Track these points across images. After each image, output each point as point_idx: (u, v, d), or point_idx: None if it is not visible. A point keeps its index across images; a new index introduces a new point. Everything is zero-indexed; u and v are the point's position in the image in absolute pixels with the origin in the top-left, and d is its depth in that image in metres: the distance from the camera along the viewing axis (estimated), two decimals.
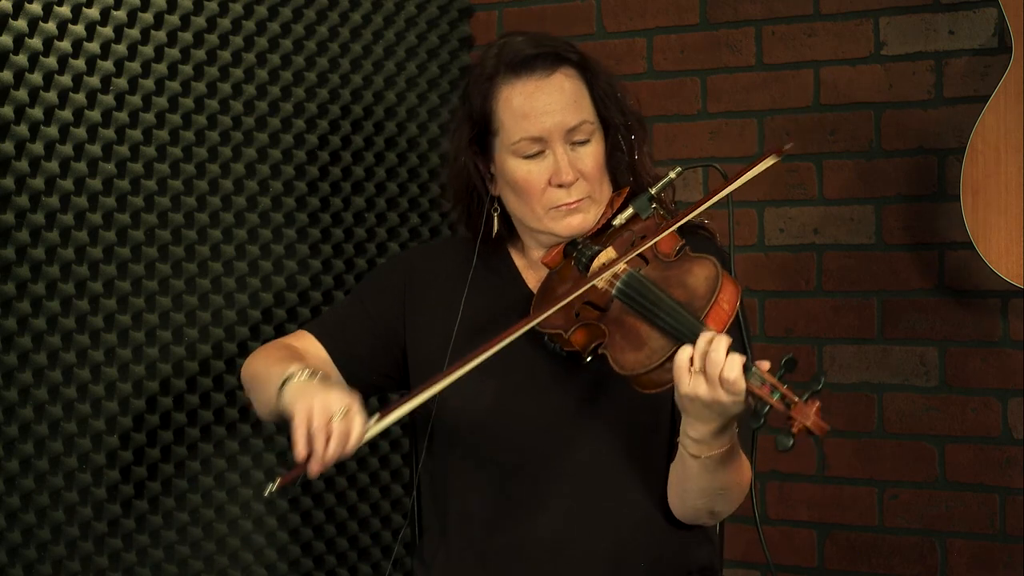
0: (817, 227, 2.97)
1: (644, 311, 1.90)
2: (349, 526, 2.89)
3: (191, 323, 2.59)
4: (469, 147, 2.09)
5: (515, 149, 2.04)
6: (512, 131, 2.03)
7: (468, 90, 2.10)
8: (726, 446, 1.89)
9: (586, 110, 2.06)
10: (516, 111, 2.03)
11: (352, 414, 1.83)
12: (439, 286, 2.15)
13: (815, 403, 1.77)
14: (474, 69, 2.11)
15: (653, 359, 1.87)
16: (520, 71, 2.04)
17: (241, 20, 2.69)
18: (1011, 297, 2.76)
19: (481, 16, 3.26)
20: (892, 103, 2.89)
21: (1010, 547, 2.78)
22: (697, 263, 1.94)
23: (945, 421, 2.85)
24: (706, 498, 1.99)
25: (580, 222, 2.05)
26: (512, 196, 2.08)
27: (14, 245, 2.30)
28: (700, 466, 1.91)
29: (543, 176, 2.03)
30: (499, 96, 2.05)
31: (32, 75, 2.31)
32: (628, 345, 1.90)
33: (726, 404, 1.80)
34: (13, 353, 2.31)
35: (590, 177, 2.05)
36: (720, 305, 1.88)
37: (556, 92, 2.03)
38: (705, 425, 1.85)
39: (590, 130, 2.06)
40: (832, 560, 2.95)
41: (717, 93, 3.06)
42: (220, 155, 2.65)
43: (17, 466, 2.32)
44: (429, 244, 2.34)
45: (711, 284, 1.89)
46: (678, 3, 3.10)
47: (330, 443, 1.81)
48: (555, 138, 2.02)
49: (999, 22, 2.75)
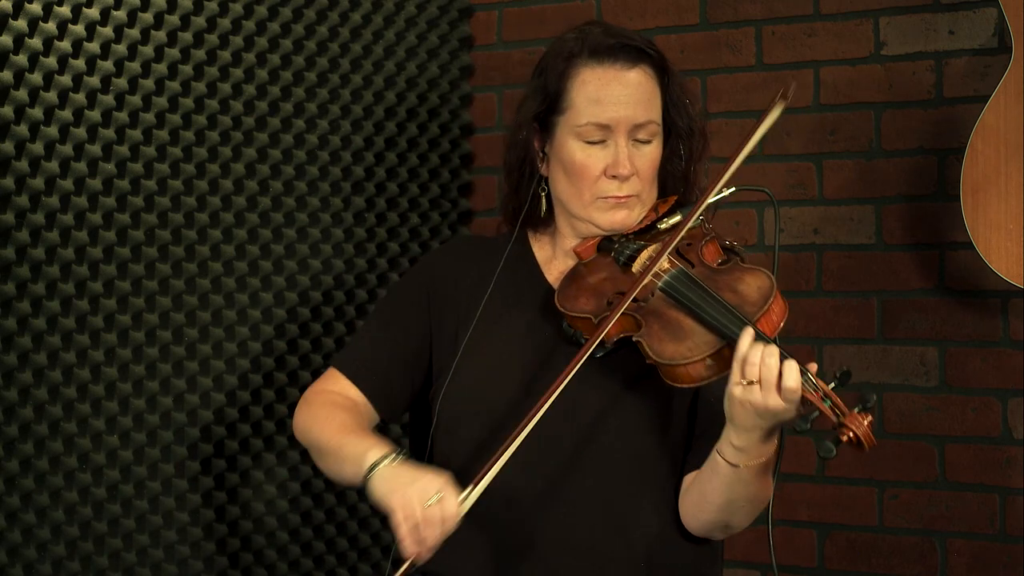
0: (817, 227, 2.97)
1: (691, 305, 1.90)
2: (349, 526, 2.89)
3: (191, 323, 2.59)
4: (532, 121, 2.11)
5: (579, 132, 2.05)
6: (581, 113, 2.05)
7: (545, 65, 2.11)
8: (766, 456, 1.89)
9: (655, 111, 2.08)
10: (590, 94, 2.05)
11: (447, 496, 1.84)
12: (463, 285, 2.15)
13: (868, 416, 1.77)
14: (553, 47, 2.13)
15: (696, 352, 1.86)
16: (603, 57, 2.06)
17: (241, 20, 2.69)
18: (1011, 297, 2.76)
19: (481, 16, 3.26)
20: (892, 103, 2.89)
21: (1010, 547, 2.78)
22: (751, 273, 1.94)
23: (945, 421, 2.85)
24: (725, 512, 1.98)
25: (624, 218, 2.07)
26: (563, 178, 2.09)
27: (14, 245, 2.30)
28: (735, 476, 1.90)
29: (600, 164, 2.05)
30: (576, 76, 2.07)
31: (32, 75, 2.31)
32: (668, 336, 1.89)
33: (778, 411, 1.80)
34: (13, 353, 2.31)
35: (644, 176, 2.07)
36: (771, 315, 1.88)
37: (633, 86, 2.05)
38: (751, 433, 1.85)
39: (654, 131, 2.08)
40: (832, 560, 2.95)
41: (717, 93, 3.06)
42: (220, 155, 2.65)
43: (17, 466, 2.32)
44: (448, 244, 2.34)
45: (765, 293, 1.89)
46: (678, 3, 3.10)
47: (432, 531, 1.83)
48: (620, 130, 2.04)
49: (999, 22, 2.75)
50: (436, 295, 2.15)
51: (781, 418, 1.82)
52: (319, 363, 2.82)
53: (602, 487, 2.03)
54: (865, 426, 1.76)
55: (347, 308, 2.90)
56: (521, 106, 2.15)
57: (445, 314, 2.14)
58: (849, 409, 1.78)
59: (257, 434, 2.70)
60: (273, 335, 2.73)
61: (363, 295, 2.93)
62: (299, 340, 2.79)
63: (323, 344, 2.84)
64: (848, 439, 1.76)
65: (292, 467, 2.76)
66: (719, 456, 1.90)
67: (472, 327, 2.08)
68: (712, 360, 1.86)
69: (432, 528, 1.82)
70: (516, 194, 2.16)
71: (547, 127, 2.11)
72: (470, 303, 2.11)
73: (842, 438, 1.76)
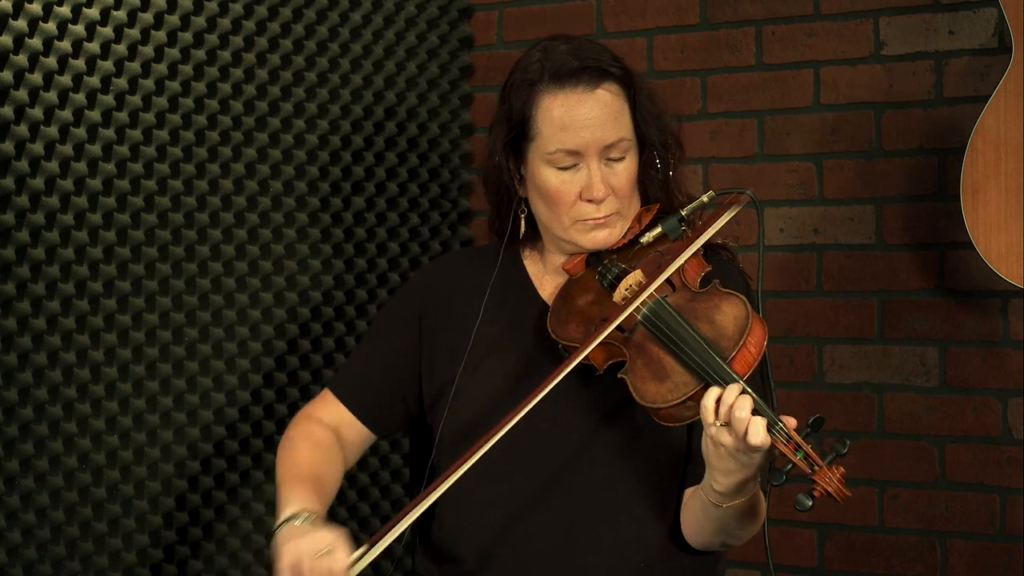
0: (817, 227, 2.97)
1: (669, 343, 1.89)
2: (349, 526, 2.88)
3: (191, 323, 2.59)
4: (504, 148, 2.09)
5: (550, 159, 2.02)
6: (549, 141, 2.02)
7: (509, 92, 2.08)
8: (748, 496, 1.88)
9: (625, 127, 2.04)
10: (556, 122, 2.01)
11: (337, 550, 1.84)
12: (455, 303, 2.15)
13: (839, 469, 1.78)
14: (516, 72, 2.08)
15: (675, 394, 1.86)
16: (564, 82, 2.02)
17: (241, 20, 2.69)
18: (1011, 297, 2.76)
19: (481, 16, 3.26)
20: (892, 103, 2.89)
21: (1010, 547, 2.78)
22: (727, 300, 1.91)
23: (945, 421, 2.85)
24: (721, 536, 1.99)
25: (606, 237, 2.05)
26: (540, 203, 2.07)
27: (14, 245, 2.30)
28: (721, 512, 1.91)
29: (574, 189, 2.02)
30: (540, 104, 2.03)
31: (32, 75, 2.31)
32: (650, 375, 1.89)
33: (752, 457, 1.80)
34: (13, 353, 2.31)
35: (621, 194, 2.04)
36: (747, 348, 1.86)
37: (598, 108, 2.01)
38: (728, 477, 1.84)
39: (627, 147, 2.05)
40: (832, 560, 2.95)
41: (717, 93, 3.06)
42: (220, 155, 2.65)
43: (17, 466, 2.32)
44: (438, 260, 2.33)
45: (740, 325, 1.87)
46: (678, 3, 3.10)
47: None
48: (591, 153, 2.01)
49: (999, 22, 2.75)
50: (428, 314, 2.15)
51: (755, 463, 1.82)
52: (319, 363, 2.82)
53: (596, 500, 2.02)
54: (836, 481, 1.78)
55: (347, 308, 2.89)
56: (491, 131, 2.13)
57: (438, 332, 2.13)
58: (823, 459, 1.78)
59: (257, 434, 2.70)
60: (273, 335, 2.73)
61: (363, 295, 2.93)
62: (299, 340, 2.79)
63: (323, 344, 2.84)
64: (820, 494, 1.78)
65: None
66: (703, 495, 1.91)
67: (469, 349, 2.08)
68: (692, 401, 1.85)
69: None
70: (499, 215, 2.16)
71: (519, 152, 2.08)
72: (464, 321, 2.11)
73: (815, 493, 1.78)
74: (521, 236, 2.14)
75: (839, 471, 1.78)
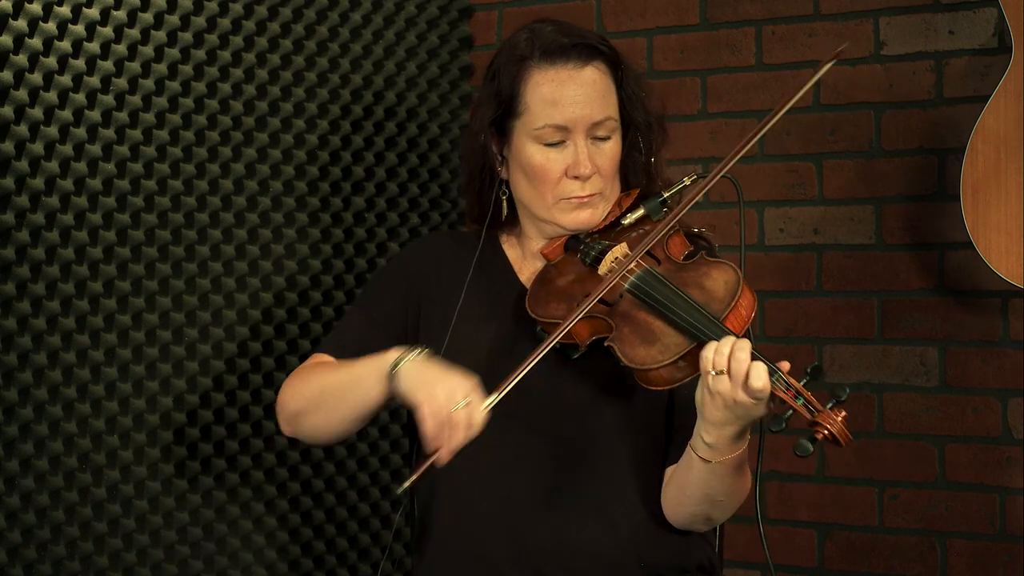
0: (817, 227, 2.97)
1: (659, 306, 1.89)
2: (349, 526, 2.89)
3: (191, 323, 2.59)
4: (488, 127, 2.10)
5: (537, 135, 2.04)
6: (537, 116, 2.04)
7: (497, 69, 2.09)
8: (739, 451, 1.88)
9: (612, 107, 2.07)
10: (545, 97, 2.03)
11: (475, 402, 1.84)
12: (442, 280, 2.15)
13: (841, 411, 1.77)
14: (504, 50, 2.11)
15: (666, 355, 1.86)
16: (555, 58, 2.04)
17: (241, 20, 2.69)
18: (1011, 297, 2.76)
19: (481, 16, 3.26)
20: (892, 103, 2.89)
21: (1010, 547, 2.78)
22: (716, 267, 1.93)
23: (945, 421, 2.85)
24: (705, 504, 1.98)
25: (588, 217, 2.06)
26: (524, 181, 2.08)
27: (14, 245, 2.30)
28: (709, 471, 1.90)
29: (560, 166, 2.04)
30: (529, 79, 2.05)
31: (32, 75, 2.31)
32: (638, 339, 1.89)
33: (747, 406, 1.79)
34: (13, 353, 2.31)
35: (605, 174, 2.06)
36: (739, 310, 1.87)
37: (587, 85, 2.04)
38: (721, 429, 1.84)
39: (613, 127, 2.07)
40: (832, 560, 2.95)
41: (717, 93, 3.06)
42: (220, 155, 2.65)
43: (17, 466, 2.32)
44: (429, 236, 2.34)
45: (732, 288, 1.88)
46: (678, 3, 3.10)
47: (457, 435, 1.83)
48: (579, 130, 2.03)
49: (999, 22, 2.75)
50: (415, 287, 2.16)
51: (752, 414, 1.82)
52: None
53: (587, 486, 2.03)
54: (839, 422, 1.76)
55: (347, 308, 2.89)
56: (475, 111, 2.13)
57: (423, 304, 2.14)
58: (823, 405, 1.77)
59: (257, 434, 2.70)
60: (273, 335, 2.73)
61: None
62: (299, 340, 2.78)
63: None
64: (823, 436, 1.76)
65: (292, 467, 2.76)
66: (692, 452, 1.91)
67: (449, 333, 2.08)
68: (684, 361, 1.86)
69: (457, 432, 1.82)
70: (479, 200, 2.16)
71: (504, 131, 2.09)
72: (446, 304, 2.11)
73: (817, 436, 1.76)
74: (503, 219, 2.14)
75: (841, 413, 1.76)
